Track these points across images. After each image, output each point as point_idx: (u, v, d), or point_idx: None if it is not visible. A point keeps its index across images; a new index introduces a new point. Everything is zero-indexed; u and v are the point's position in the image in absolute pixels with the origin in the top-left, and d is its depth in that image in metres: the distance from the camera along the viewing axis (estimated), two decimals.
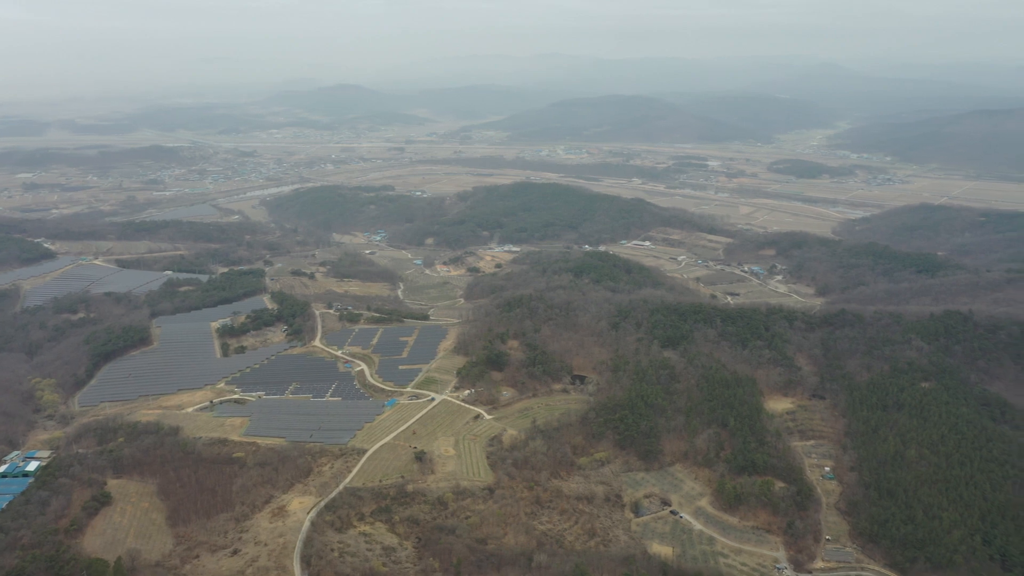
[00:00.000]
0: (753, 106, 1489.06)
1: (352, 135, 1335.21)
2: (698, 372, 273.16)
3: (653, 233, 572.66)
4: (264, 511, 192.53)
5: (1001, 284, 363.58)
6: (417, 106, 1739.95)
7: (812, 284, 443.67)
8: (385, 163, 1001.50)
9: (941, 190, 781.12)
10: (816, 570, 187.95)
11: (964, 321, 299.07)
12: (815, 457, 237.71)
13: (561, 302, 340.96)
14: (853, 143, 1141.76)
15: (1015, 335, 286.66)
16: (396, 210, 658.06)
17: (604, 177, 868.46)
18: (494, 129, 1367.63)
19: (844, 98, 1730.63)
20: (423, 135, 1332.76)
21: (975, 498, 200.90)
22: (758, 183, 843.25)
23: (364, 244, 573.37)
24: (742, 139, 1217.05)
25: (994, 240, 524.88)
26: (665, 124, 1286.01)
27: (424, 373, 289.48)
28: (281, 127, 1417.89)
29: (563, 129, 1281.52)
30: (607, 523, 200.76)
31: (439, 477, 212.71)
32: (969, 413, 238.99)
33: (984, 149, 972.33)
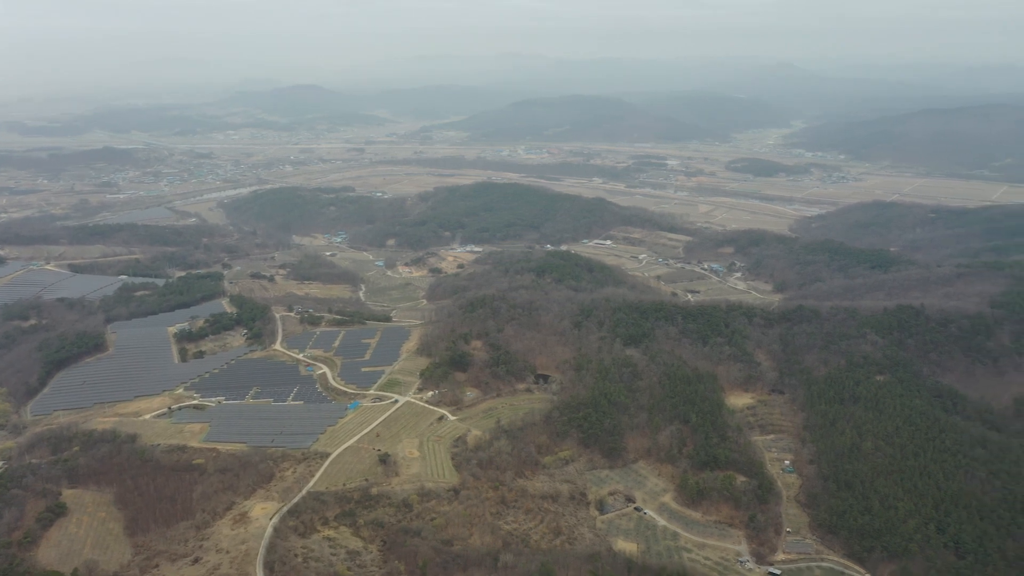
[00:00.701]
0: (711, 106, 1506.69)
1: (311, 136, 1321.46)
2: (660, 369, 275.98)
3: (614, 232, 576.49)
4: (225, 518, 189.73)
5: (951, 279, 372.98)
6: (377, 106, 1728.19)
7: (770, 281, 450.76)
8: (345, 164, 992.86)
9: (893, 187, 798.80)
10: (777, 562, 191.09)
11: (916, 315, 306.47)
12: (775, 451, 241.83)
13: (524, 302, 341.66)
14: (808, 142, 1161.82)
15: (965, 328, 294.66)
16: (357, 211, 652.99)
17: (565, 177, 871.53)
18: (455, 129, 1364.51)
19: (799, 98, 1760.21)
20: (383, 136, 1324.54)
21: (929, 488, 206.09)
22: (716, 182, 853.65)
23: (325, 246, 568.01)
24: (700, 138, 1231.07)
25: (944, 236, 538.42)
26: (625, 124, 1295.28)
27: (387, 375, 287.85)
28: (238, 128, 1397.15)
29: (524, 129, 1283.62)
30: (572, 521, 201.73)
31: (404, 479, 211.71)
32: (922, 405, 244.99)
33: (934, 147, 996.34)
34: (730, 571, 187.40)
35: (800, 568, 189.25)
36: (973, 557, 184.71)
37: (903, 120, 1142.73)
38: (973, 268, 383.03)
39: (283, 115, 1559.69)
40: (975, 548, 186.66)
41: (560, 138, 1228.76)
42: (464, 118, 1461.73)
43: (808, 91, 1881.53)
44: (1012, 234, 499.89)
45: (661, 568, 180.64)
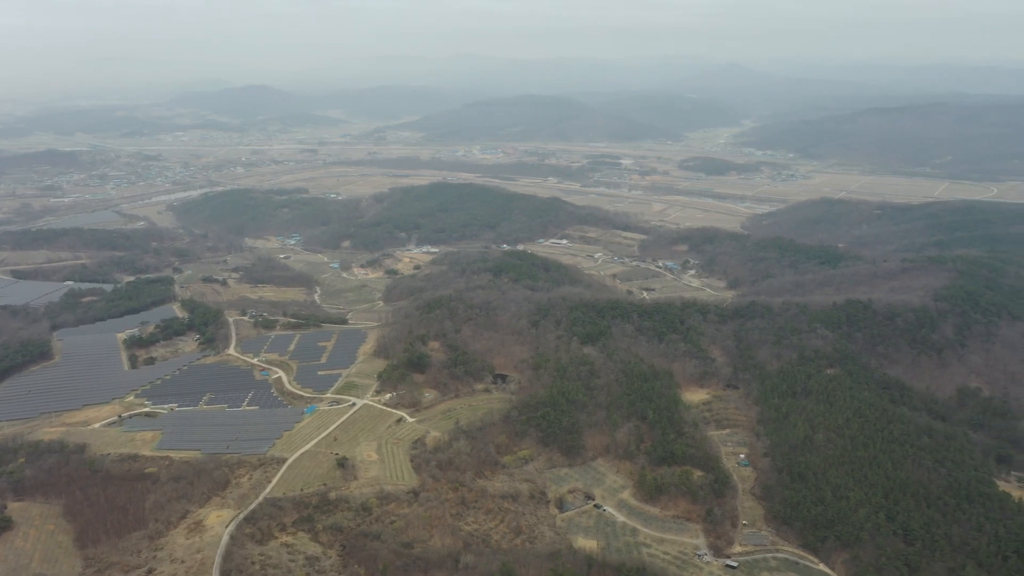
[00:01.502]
0: (663, 105, 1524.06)
1: (263, 137, 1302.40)
2: (617, 367, 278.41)
3: (570, 231, 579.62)
4: (180, 527, 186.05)
5: (897, 273, 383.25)
6: (330, 107, 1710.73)
7: (723, 278, 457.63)
8: (298, 165, 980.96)
9: (840, 185, 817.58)
10: (734, 554, 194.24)
11: (864, 309, 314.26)
12: (730, 445, 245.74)
13: (481, 302, 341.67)
14: (758, 141, 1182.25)
15: (911, 321, 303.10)
16: (310, 213, 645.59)
17: (520, 176, 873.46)
18: (409, 130, 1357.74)
19: (749, 97, 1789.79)
20: (337, 136, 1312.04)
21: (878, 477, 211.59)
22: (670, 180, 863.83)
23: (278, 248, 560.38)
24: (653, 137, 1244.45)
25: (889, 232, 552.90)
26: (578, 123, 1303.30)
27: (344, 378, 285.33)
28: (187, 129, 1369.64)
29: (478, 129, 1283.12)
30: (532, 520, 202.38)
31: (362, 483, 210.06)
32: (871, 397, 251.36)
33: (879, 145, 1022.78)
34: (688, 565, 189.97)
35: (756, 560, 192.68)
36: (921, 543, 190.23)
37: (849, 119, 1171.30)
38: (917, 263, 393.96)
39: (234, 116, 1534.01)
40: (923, 535, 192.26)
41: (515, 138, 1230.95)
42: (418, 118, 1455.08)
43: (757, 91, 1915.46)
44: (953, 229, 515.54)
45: (621, 564, 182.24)
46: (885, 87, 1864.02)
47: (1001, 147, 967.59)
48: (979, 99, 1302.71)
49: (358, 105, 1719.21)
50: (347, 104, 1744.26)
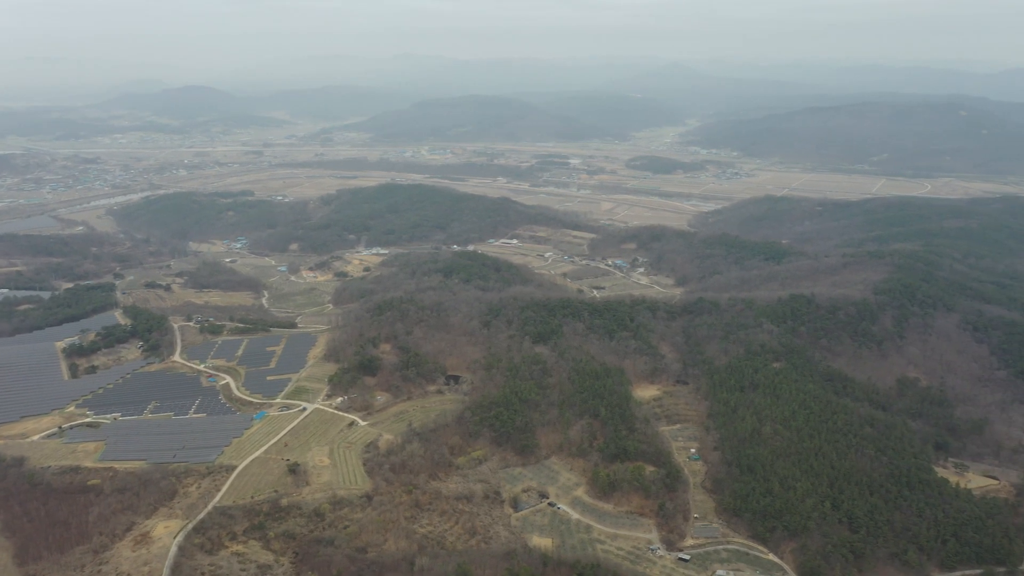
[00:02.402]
0: (608, 105, 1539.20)
1: (206, 139, 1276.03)
2: (569, 365, 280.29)
3: (520, 231, 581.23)
4: (126, 540, 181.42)
5: (838, 268, 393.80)
6: (274, 108, 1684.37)
7: (672, 275, 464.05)
8: (243, 167, 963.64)
9: (783, 182, 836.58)
10: (687, 548, 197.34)
11: (808, 304, 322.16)
12: (681, 440, 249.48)
13: (432, 303, 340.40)
14: (703, 139, 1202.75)
15: (852, 314, 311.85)
16: (257, 216, 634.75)
17: (469, 177, 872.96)
18: (356, 131, 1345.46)
19: (692, 97, 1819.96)
20: (282, 138, 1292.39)
21: (824, 467, 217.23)
22: (617, 179, 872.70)
23: (224, 252, 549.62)
24: (600, 137, 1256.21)
25: (830, 227, 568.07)
26: (526, 123, 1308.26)
27: (294, 383, 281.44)
28: (126, 131, 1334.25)
29: (426, 130, 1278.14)
30: (487, 520, 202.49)
31: (314, 488, 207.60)
32: (815, 389, 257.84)
33: (817, 143, 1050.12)
34: (642, 560, 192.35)
35: (708, 552, 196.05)
36: (865, 530, 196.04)
37: (788, 118, 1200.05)
38: (857, 257, 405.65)
39: (174, 117, 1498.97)
40: (866, 522, 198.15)
41: (463, 138, 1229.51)
42: (365, 119, 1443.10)
43: (699, 90, 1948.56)
44: (890, 224, 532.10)
45: (576, 561, 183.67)
46: (819, 87, 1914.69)
47: (931, 144, 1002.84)
48: (909, 98, 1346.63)
49: (303, 106, 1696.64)
50: (291, 105, 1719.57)
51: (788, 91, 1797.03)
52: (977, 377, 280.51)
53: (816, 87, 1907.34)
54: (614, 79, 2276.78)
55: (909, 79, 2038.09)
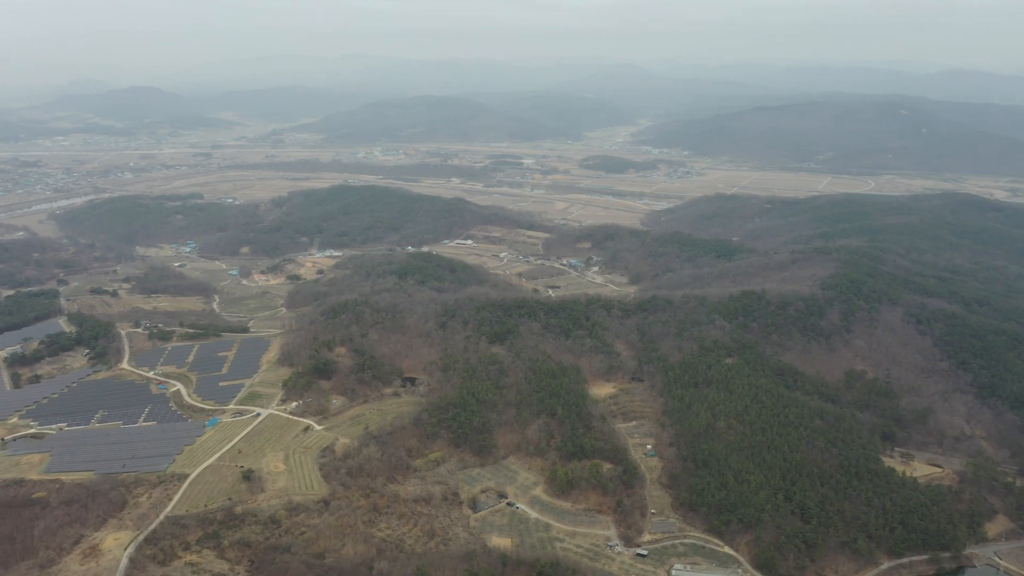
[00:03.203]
0: (561, 105, 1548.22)
1: (152, 141, 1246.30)
2: (525, 365, 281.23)
3: (474, 231, 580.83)
4: (74, 553, 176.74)
5: (787, 264, 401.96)
6: (222, 109, 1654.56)
7: (626, 273, 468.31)
8: (191, 170, 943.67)
9: (732, 181, 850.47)
10: (644, 543, 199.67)
11: (758, 300, 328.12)
12: (637, 436, 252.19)
13: (387, 305, 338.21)
14: (654, 139, 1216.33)
15: (801, 310, 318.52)
16: (206, 219, 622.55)
17: (423, 178, 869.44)
18: (307, 132, 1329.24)
19: (643, 97, 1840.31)
20: (231, 139, 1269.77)
21: (776, 460, 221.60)
22: (571, 179, 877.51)
23: (173, 256, 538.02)
24: (553, 137, 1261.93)
25: (779, 225, 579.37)
26: (479, 124, 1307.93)
27: (247, 388, 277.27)
28: (68, 134, 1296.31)
29: (378, 130, 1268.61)
30: (446, 522, 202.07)
31: (270, 495, 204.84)
32: (767, 383, 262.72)
33: (765, 142, 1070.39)
34: (600, 556, 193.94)
35: (665, 547, 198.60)
36: (817, 521, 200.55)
37: (737, 117, 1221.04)
38: (805, 254, 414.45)
39: (119, 119, 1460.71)
40: (818, 512, 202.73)
41: (416, 139, 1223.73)
42: (316, 120, 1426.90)
43: (650, 90, 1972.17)
44: (836, 221, 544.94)
45: (535, 560, 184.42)
46: (767, 87, 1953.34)
47: (875, 143, 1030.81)
48: (852, 98, 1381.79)
49: (252, 107, 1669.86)
50: (241, 106, 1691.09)
51: (737, 91, 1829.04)
52: (921, 368, 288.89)
53: (764, 87, 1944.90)
54: (566, 80, 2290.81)
55: (853, 79, 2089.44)
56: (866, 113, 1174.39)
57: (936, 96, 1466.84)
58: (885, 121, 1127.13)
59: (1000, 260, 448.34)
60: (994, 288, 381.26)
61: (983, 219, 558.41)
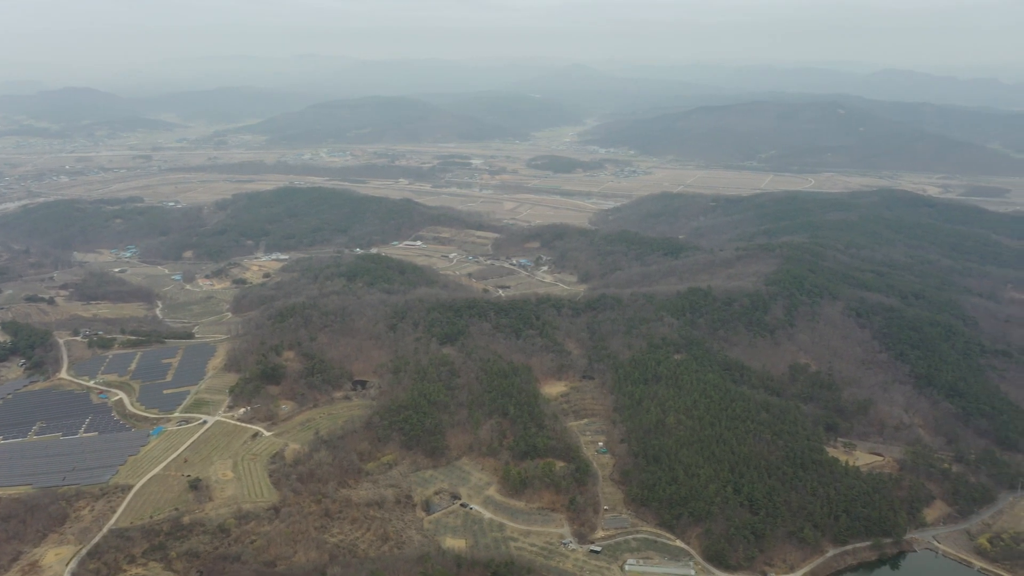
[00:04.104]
0: (509, 105, 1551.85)
1: (89, 143, 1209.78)
2: (477, 365, 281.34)
3: (423, 232, 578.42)
4: (12, 571, 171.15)
5: (732, 261, 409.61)
6: (163, 110, 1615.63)
7: (575, 272, 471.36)
8: (131, 173, 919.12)
9: (678, 179, 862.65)
10: (598, 539, 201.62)
11: (705, 296, 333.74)
12: (589, 434, 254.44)
13: (336, 308, 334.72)
14: (601, 139, 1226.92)
15: (746, 305, 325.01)
16: (147, 223, 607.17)
17: (371, 179, 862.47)
18: (251, 133, 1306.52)
19: (590, 97, 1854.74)
20: (172, 141, 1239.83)
21: (725, 453, 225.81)
22: (519, 179, 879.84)
23: (112, 262, 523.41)
24: (501, 137, 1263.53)
25: (724, 222, 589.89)
26: (427, 124, 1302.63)
27: (193, 395, 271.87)
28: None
29: (325, 131, 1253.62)
30: (400, 525, 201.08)
31: (218, 503, 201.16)
32: (715, 378, 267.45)
33: (710, 141, 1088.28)
34: (555, 554, 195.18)
35: (618, 542, 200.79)
36: (764, 512, 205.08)
37: (682, 117, 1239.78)
38: (749, 250, 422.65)
39: (54, 121, 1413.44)
40: (766, 503, 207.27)
41: (363, 140, 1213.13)
42: (261, 121, 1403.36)
43: (598, 91, 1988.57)
44: (779, 218, 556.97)
45: (490, 560, 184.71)
46: (711, 87, 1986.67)
47: (816, 141, 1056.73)
48: (794, 98, 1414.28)
49: (195, 108, 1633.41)
50: (182, 107, 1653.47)
51: (682, 91, 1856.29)
52: (861, 360, 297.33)
53: (709, 87, 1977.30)
54: (515, 80, 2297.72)
55: (795, 80, 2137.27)
56: (807, 112, 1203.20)
57: (873, 96, 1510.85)
58: (825, 120, 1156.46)
59: (933, 254, 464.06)
60: (928, 281, 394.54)
61: (917, 215, 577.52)
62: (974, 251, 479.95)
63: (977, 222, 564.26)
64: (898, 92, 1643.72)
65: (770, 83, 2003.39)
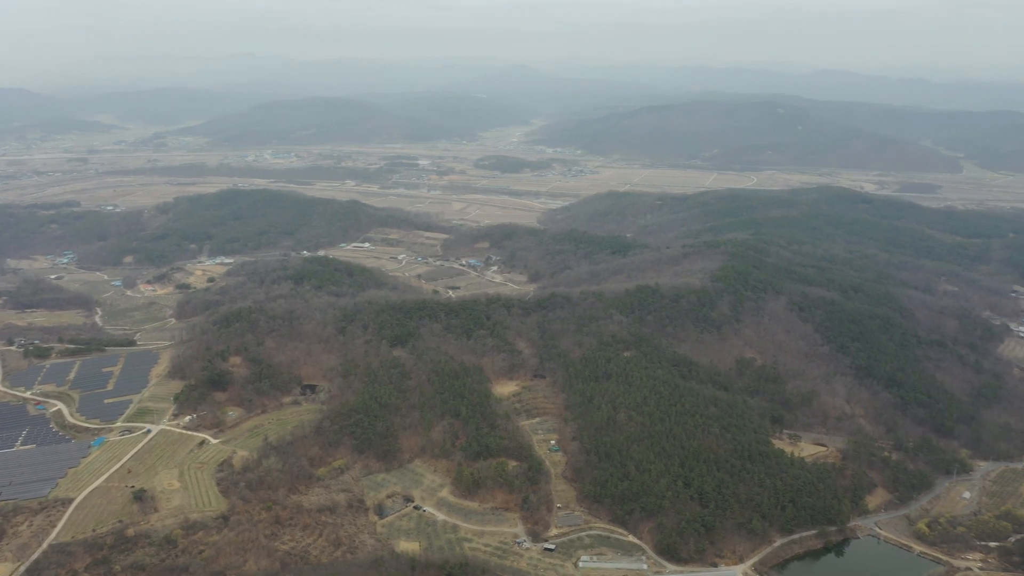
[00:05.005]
0: (455, 105, 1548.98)
1: (21, 146, 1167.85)
2: (428, 367, 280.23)
3: (372, 234, 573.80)
4: None
5: (679, 258, 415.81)
6: (99, 112, 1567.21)
7: (525, 272, 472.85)
8: (66, 176, 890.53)
9: (624, 178, 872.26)
10: (551, 537, 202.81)
11: (653, 293, 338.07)
12: (541, 433, 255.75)
13: (283, 312, 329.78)
14: (548, 139, 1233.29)
15: (693, 302, 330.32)
16: (85, 228, 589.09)
17: (316, 180, 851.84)
18: (192, 135, 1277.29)
19: (536, 97, 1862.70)
20: (110, 144, 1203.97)
21: (675, 448, 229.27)
22: (467, 179, 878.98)
23: (48, 268, 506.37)
24: (448, 138, 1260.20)
25: (670, 220, 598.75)
26: (373, 125, 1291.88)
27: (136, 404, 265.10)
28: None
29: (268, 133, 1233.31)
30: (352, 530, 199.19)
31: (164, 514, 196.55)
32: (664, 374, 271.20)
33: (655, 141, 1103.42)
34: (509, 554, 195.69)
35: (572, 540, 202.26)
36: (714, 504, 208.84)
37: (627, 116, 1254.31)
38: (695, 248, 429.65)
39: None
40: (715, 496, 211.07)
41: (307, 141, 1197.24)
42: (202, 122, 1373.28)
43: (543, 91, 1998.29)
44: (723, 215, 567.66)
45: (444, 562, 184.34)
46: (654, 87, 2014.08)
47: (756, 140, 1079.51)
48: (734, 97, 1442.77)
49: (132, 109, 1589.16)
50: (120, 108, 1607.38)
51: (626, 91, 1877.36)
52: (804, 353, 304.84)
53: (652, 87, 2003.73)
54: (459, 80, 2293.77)
55: (732, 80, 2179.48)
56: (747, 112, 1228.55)
57: (809, 95, 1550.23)
58: (764, 119, 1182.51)
59: (871, 248, 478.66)
60: (867, 275, 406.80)
61: (855, 210, 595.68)
62: (909, 245, 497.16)
63: (911, 217, 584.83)
64: (833, 92, 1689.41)
65: (708, 83, 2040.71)
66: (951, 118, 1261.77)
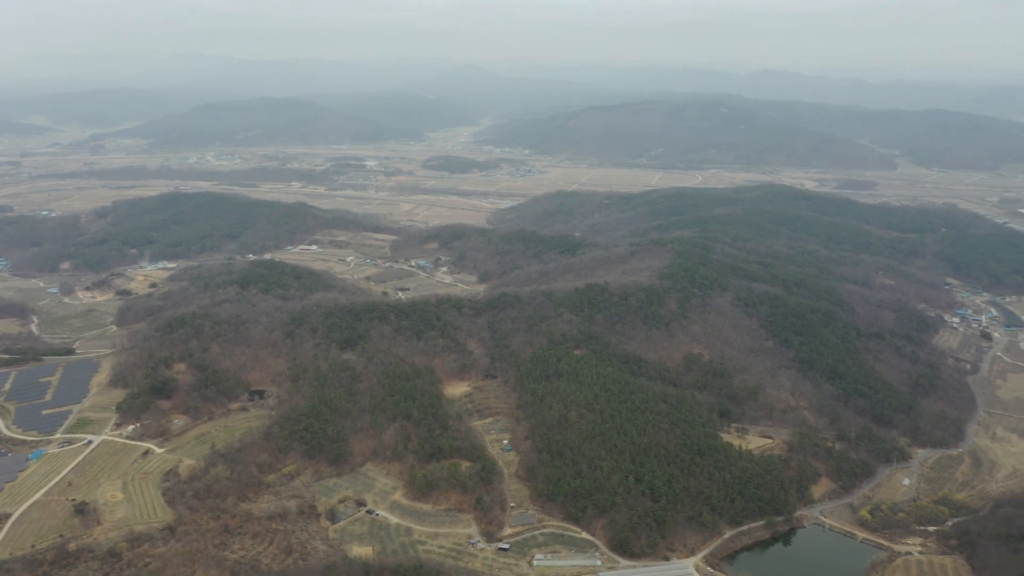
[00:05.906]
0: (403, 106, 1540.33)
1: None
2: (378, 369, 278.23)
3: (319, 236, 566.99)
4: None
5: (627, 257, 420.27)
6: (32, 113, 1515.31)
7: (474, 272, 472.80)
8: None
9: (572, 178, 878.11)
10: (506, 537, 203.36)
11: (602, 292, 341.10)
12: (494, 433, 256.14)
13: (229, 316, 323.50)
14: (496, 138, 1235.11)
15: (641, 299, 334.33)
16: (18, 234, 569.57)
17: (262, 183, 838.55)
18: (132, 137, 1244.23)
19: (484, 97, 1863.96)
20: (44, 146, 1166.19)
21: (626, 444, 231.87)
22: (415, 180, 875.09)
23: None
24: (396, 138, 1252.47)
25: (618, 219, 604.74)
26: (319, 126, 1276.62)
27: (76, 414, 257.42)
28: None
29: (211, 134, 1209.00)
30: (304, 536, 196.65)
31: (108, 527, 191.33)
32: (614, 372, 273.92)
33: (602, 140, 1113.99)
34: (464, 555, 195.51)
35: (526, 538, 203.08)
36: (665, 499, 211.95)
37: (575, 116, 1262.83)
38: (643, 246, 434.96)
39: None
40: (666, 491, 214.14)
41: (252, 142, 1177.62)
42: (141, 124, 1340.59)
43: (492, 91, 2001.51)
44: (669, 213, 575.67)
45: (398, 565, 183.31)
46: (602, 87, 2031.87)
47: (701, 139, 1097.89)
48: (680, 97, 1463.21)
49: (68, 111, 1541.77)
50: (54, 110, 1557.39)
51: (574, 91, 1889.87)
52: (750, 348, 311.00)
53: (599, 87, 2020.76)
54: (408, 80, 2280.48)
55: (680, 80, 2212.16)
56: (692, 111, 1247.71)
57: (753, 95, 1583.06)
58: (709, 119, 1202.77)
59: (812, 245, 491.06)
60: (808, 271, 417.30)
61: (796, 208, 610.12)
62: (848, 241, 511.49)
63: (850, 214, 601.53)
64: (775, 92, 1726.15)
65: (655, 83, 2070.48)
66: (887, 117, 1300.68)
